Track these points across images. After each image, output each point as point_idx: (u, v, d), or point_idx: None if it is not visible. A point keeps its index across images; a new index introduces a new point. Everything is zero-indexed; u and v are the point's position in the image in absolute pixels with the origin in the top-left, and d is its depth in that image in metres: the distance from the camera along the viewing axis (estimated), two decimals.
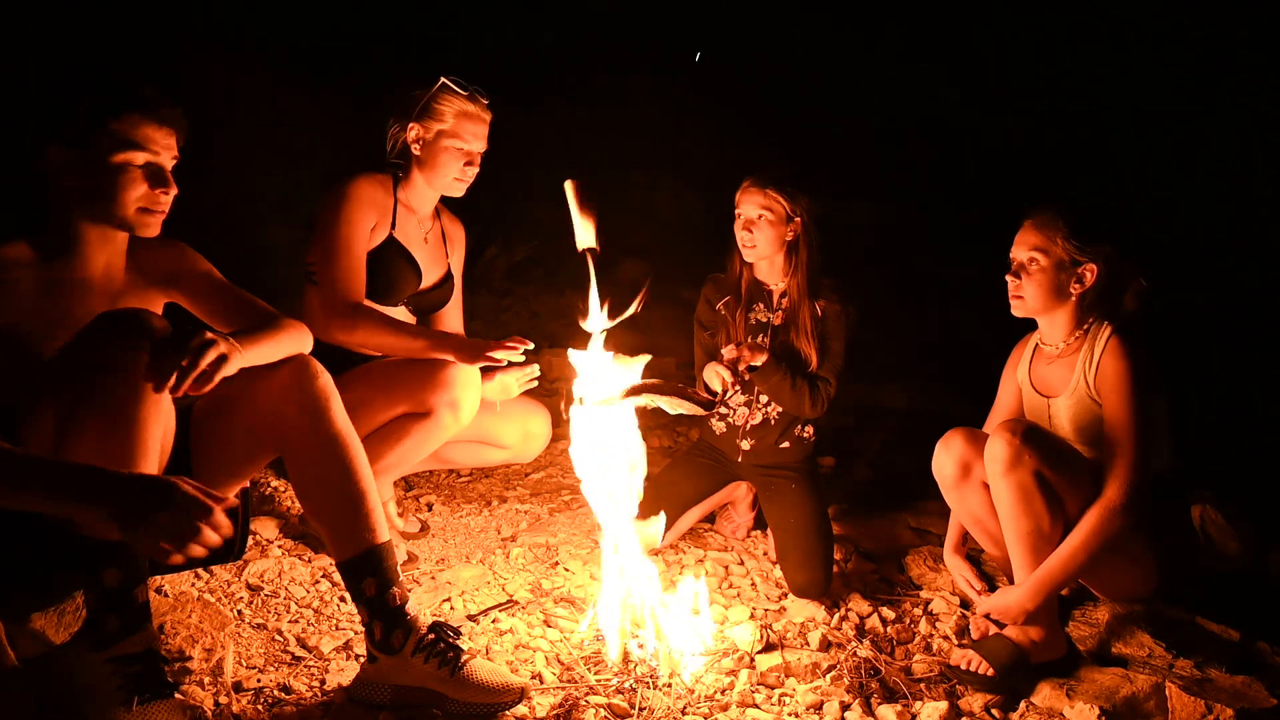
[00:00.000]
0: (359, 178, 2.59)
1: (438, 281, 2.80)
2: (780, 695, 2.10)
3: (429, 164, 2.62)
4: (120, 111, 1.77)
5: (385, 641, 1.87)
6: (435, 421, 2.46)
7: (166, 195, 1.85)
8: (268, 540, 2.65)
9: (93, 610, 1.67)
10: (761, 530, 3.01)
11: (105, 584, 1.65)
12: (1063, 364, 2.37)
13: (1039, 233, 2.30)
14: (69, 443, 1.60)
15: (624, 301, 2.21)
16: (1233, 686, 2.08)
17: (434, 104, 2.58)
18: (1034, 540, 2.19)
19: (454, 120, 2.59)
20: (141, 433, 1.63)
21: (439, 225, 2.83)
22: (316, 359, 1.96)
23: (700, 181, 6.98)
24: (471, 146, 2.62)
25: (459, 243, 2.92)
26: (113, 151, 1.78)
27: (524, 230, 6.14)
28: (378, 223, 2.60)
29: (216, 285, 2.07)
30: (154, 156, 1.83)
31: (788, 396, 2.68)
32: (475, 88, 2.62)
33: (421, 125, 2.59)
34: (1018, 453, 2.15)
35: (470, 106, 2.60)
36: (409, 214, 2.69)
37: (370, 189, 2.59)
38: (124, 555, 1.65)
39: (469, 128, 2.60)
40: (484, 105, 2.64)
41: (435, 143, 2.60)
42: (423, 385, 2.45)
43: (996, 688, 2.12)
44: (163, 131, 1.83)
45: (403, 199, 2.67)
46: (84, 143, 1.77)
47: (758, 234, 2.65)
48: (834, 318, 2.72)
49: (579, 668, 2.12)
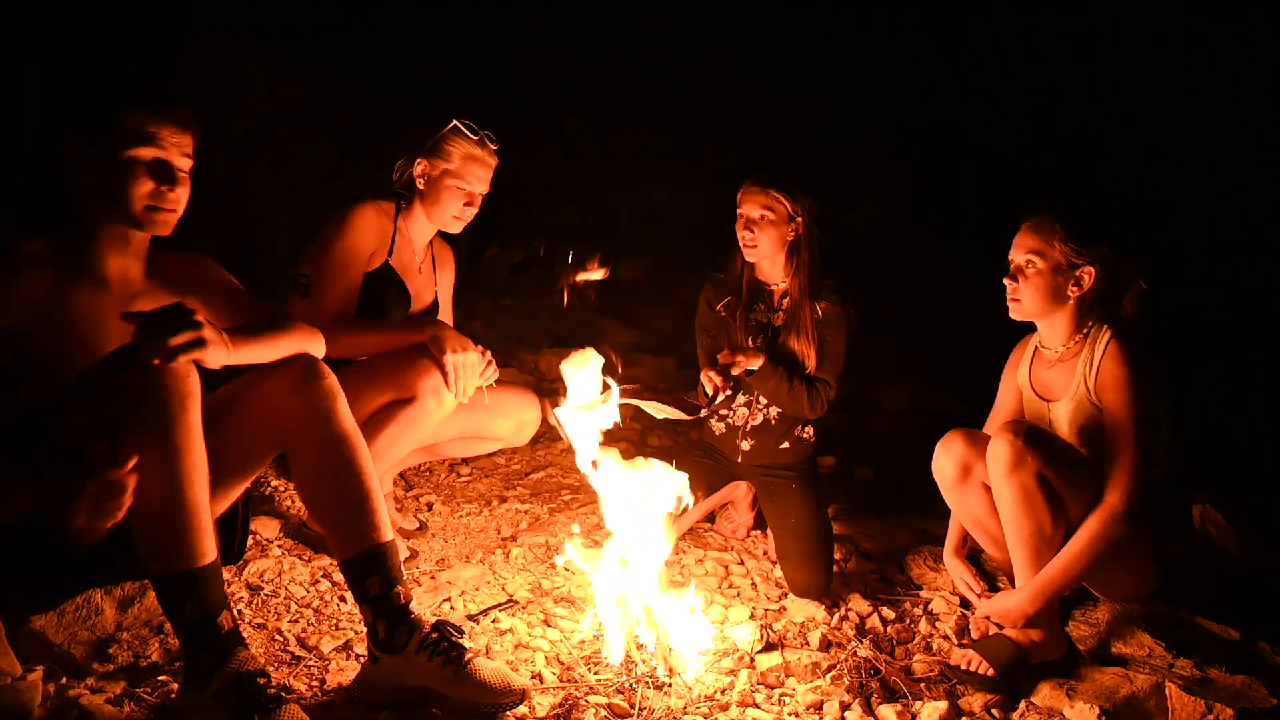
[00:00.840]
0: (366, 204, 2.65)
1: (425, 308, 2.84)
2: (780, 695, 2.10)
3: (431, 199, 2.69)
4: (130, 106, 1.79)
5: (389, 640, 1.87)
6: (420, 407, 2.47)
7: (174, 193, 1.84)
8: (268, 540, 2.65)
9: (185, 649, 1.71)
10: (761, 530, 3.01)
11: (188, 616, 1.68)
12: (1063, 368, 2.37)
13: (1036, 236, 2.29)
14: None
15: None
16: (1233, 686, 2.08)
17: (443, 144, 2.65)
18: (1035, 542, 2.19)
19: (460, 162, 2.66)
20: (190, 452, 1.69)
21: (431, 252, 2.88)
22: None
23: (700, 181, 6.99)
24: (474, 188, 2.69)
25: (448, 267, 2.97)
26: (122, 147, 1.79)
27: (524, 230, 6.15)
28: (376, 250, 2.66)
29: (233, 294, 2.07)
30: (162, 153, 1.83)
31: (785, 398, 2.68)
32: (486, 133, 2.69)
33: (429, 162, 2.66)
34: (1020, 454, 2.14)
35: (477, 151, 2.67)
36: (406, 242, 2.76)
37: (374, 216, 2.66)
38: (196, 586, 1.68)
39: (474, 170, 2.67)
40: (491, 150, 2.70)
41: (439, 180, 2.67)
42: (406, 371, 2.46)
43: (996, 688, 2.12)
44: (171, 129, 1.83)
45: (402, 228, 2.74)
46: (95, 138, 1.78)
47: (759, 234, 2.65)
48: (834, 319, 2.72)
49: (579, 668, 2.12)
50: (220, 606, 1.71)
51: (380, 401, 2.49)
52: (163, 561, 1.67)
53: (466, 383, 2.49)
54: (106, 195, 1.81)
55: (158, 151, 1.82)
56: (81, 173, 1.81)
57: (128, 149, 1.79)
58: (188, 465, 1.67)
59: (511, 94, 7.03)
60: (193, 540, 1.67)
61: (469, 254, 5.42)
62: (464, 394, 2.50)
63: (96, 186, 1.81)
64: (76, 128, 1.79)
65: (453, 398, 2.50)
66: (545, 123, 7.00)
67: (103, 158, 1.79)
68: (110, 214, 1.84)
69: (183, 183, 1.86)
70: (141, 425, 1.65)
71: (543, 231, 6.23)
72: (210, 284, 2.05)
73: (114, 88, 1.80)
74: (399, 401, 2.48)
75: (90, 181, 1.81)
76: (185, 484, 1.66)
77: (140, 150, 1.80)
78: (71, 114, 1.80)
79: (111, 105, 1.78)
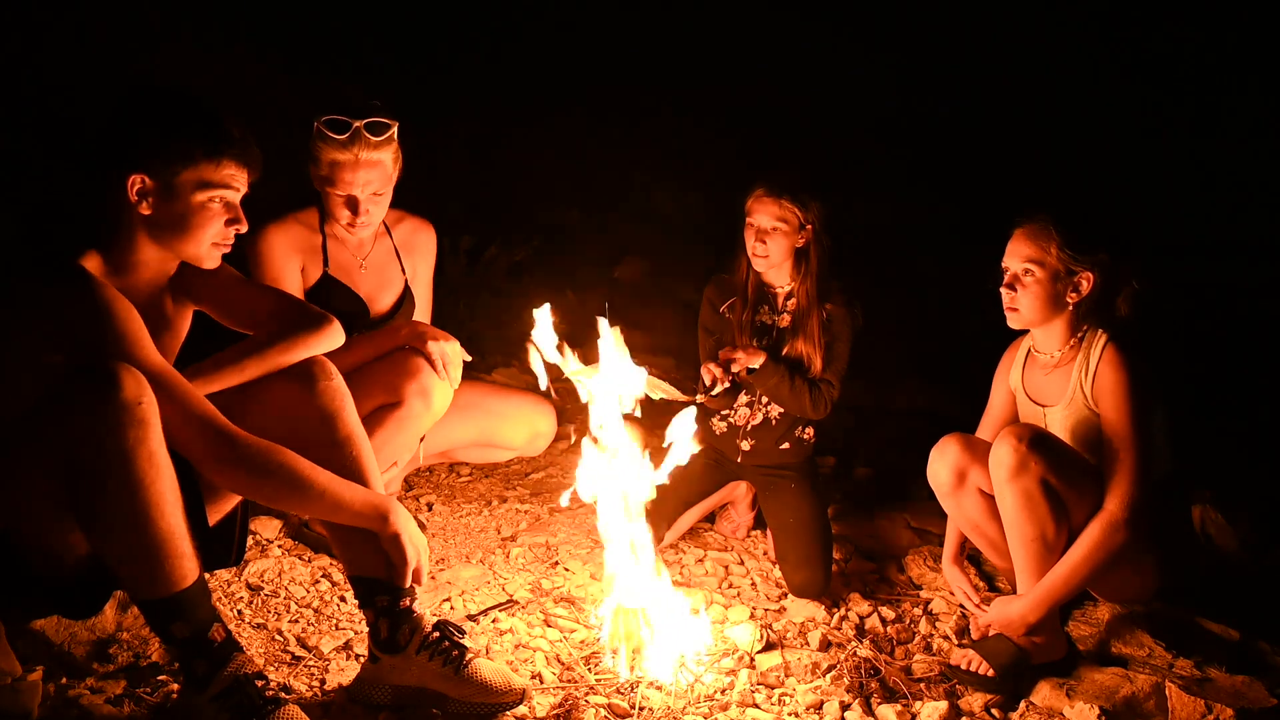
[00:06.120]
0: (268, 229, 2.52)
1: (393, 304, 2.75)
2: (780, 695, 2.10)
3: (325, 207, 2.54)
4: (214, 155, 1.76)
5: (391, 639, 1.87)
6: (407, 410, 2.45)
7: (238, 228, 1.85)
8: (268, 540, 2.65)
9: (180, 662, 1.71)
10: (761, 530, 3.01)
11: (177, 636, 1.67)
12: (1058, 373, 2.34)
13: (1032, 243, 2.24)
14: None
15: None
16: (1233, 686, 2.08)
17: (311, 148, 2.46)
18: (1038, 547, 2.17)
19: (327, 167, 2.45)
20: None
21: (388, 243, 2.73)
22: None
23: (700, 181, 6.99)
24: (352, 192, 2.46)
25: (422, 251, 2.81)
26: (197, 190, 1.77)
27: (524, 230, 6.14)
28: (306, 264, 2.56)
29: (241, 293, 2.06)
30: (233, 195, 1.82)
31: (787, 397, 2.68)
32: (362, 124, 2.40)
33: (311, 167, 2.50)
34: (1023, 459, 2.11)
35: (343, 155, 2.42)
36: (341, 246, 2.64)
37: (284, 236, 2.53)
38: (184, 606, 1.65)
39: (343, 176, 2.44)
40: (368, 144, 2.41)
41: (321, 187, 2.51)
42: (391, 375, 2.45)
43: (996, 688, 2.12)
44: (245, 171, 1.83)
45: (331, 231, 2.62)
46: (169, 178, 1.75)
47: (771, 245, 2.63)
48: (840, 320, 2.72)
49: (579, 668, 2.13)
50: (209, 622, 1.69)
51: (368, 407, 2.46)
52: (144, 589, 1.64)
53: (455, 369, 2.47)
54: (172, 232, 1.79)
55: (232, 196, 1.81)
56: (143, 205, 1.76)
57: (203, 192, 1.77)
58: (154, 495, 1.59)
59: (512, 94, 7.05)
60: (169, 568, 1.62)
61: (469, 254, 5.41)
62: (455, 380, 2.49)
63: (161, 221, 1.78)
64: (144, 164, 1.74)
65: (443, 395, 2.48)
66: (545, 123, 7.00)
67: (174, 198, 1.76)
68: (169, 248, 1.82)
69: (244, 220, 1.85)
70: (99, 461, 1.56)
71: (543, 231, 6.22)
72: (220, 287, 2.04)
73: (195, 131, 1.75)
74: (386, 406, 2.47)
75: (153, 216, 1.77)
76: (155, 514, 1.59)
77: (214, 193, 1.78)
78: (139, 150, 1.74)
79: (193, 149, 1.74)
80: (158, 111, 1.78)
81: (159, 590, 1.63)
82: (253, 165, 1.84)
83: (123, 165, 1.74)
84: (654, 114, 7.58)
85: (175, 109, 1.79)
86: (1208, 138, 6.80)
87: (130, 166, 1.74)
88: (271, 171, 1.91)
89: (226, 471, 1.73)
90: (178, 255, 1.85)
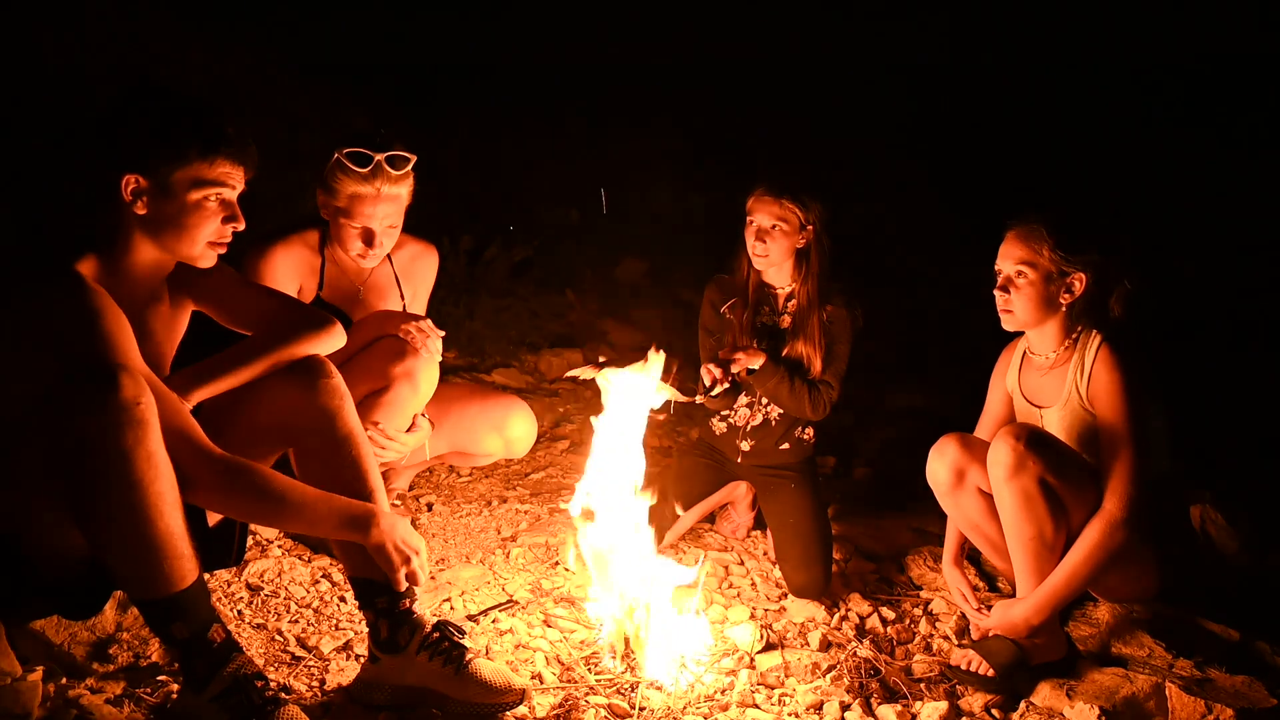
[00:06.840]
0: (275, 246, 2.50)
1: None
2: (780, 695, 2.10)
3: (335, 234, 2.54)
4: (208, 154, 1.75)
5: (391, 639, 1.87)
6: (395, 394, 2.45)
7: (235, 227, 1.84)
8: (267, 540, 2.65)
9: (180, 663, 1.71)
10: (761, 530, 3.01)
11: (177, 637, 1.67)
12: (1054, 374, 2.34)
13: (1024, 245, 2.24)
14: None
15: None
16: (1233, 686, 2.08)
17: (330, 179, 2.45)
18: (1036, 547, 2.17)
19: (346, 200, 2.44)
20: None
21: (388, 269, 2.71)
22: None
23: (700, 181, 7.00)
24: (368, 224, 2.46)
25: (423, 276, 2.81)
26: (192, 189, 1.75)
27: (524, 230, 6.14)
28: (303, 285, 2.56)
29: (241, 294, 2.06)
30: (229, 193, 1.81)
31: (787, 398, 2.68)
32: (384, 156, 2.40)
33: (324, 195, 2.48)
34: (1021, 459, 2.11)
35: (364, 188, 2.41)
36: (339, 270, 2.63)
37: (289, 255, 2.52)
38: (184, 606, 1.65)
39: (362, 209, 2.44)
40: (389, 179, 2.42)
41: (335, 217, 2.50)
42: (374, 360, 2.45)
43: (997, 688, 2.12)
44: (241, 169, 1.82)
45: (330, 255, 2.61)
46: (163, 177, 1.73)
47: (771, 244, 2.63)
48: (840, 321, 2.71)
49: (579, 668, 2.13)
50: (209, 622, 1.68)
51: (357, 396, 2.46)
52: (143, 589, 1.64)
53: (434, 341, 2.47)
54: (169, 231, 1.78)
55: (226, 192, 1.80)
56: (139, 205, 1.75)
57: (198, 191, 1.76)
58: (153, 495, 1.58)
59: (511, 94, 7.04)
60: (169, 568, 1.62)
61: (469, 254, 5.41)
62: (437, 352, 2.48)
63: (156, 220, 1.77)
64: (140, 164, 1.72)
65: (429, 374, 2.47)
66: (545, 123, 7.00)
67: (169, 197, 1.74)
68: (166, 246, 1.81)
69: (241, 218, 1.84)
70: (98, 461, 1.55)
71: (543, 231, 6.22)
72: (217, 286, 2.04)
73: (188, 130, 1.74)
74: (374, 392, 2.46)
75: (149, 215, 1.76)
76: (154, 515, 1.58)
77: (210, 191, 1.77)
78: (135, 149, 1.72)
79: (186, 148, 1.73)
80: (151, 111, 1.77)
81: (158, 591, 1.63)
82: (249, 163, 1.83)
83: (117, 165, 1.73)
84: (654, 114, 7.59)
85: (168, 108, 1.77)
86: (1207, 138, 6.81)
87: (124, 166, 1.73)
88: (270, 171, 1.91)
89: (200, 490, 1.70)
90: (174, 255, 1.84)
